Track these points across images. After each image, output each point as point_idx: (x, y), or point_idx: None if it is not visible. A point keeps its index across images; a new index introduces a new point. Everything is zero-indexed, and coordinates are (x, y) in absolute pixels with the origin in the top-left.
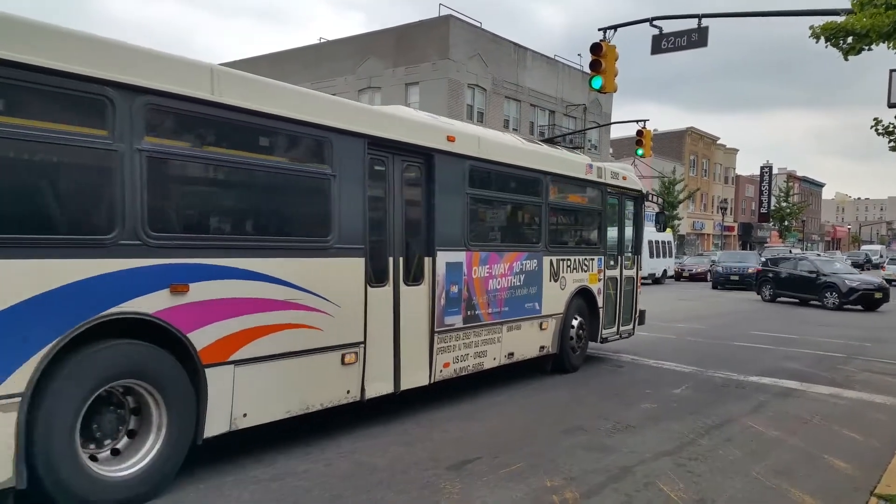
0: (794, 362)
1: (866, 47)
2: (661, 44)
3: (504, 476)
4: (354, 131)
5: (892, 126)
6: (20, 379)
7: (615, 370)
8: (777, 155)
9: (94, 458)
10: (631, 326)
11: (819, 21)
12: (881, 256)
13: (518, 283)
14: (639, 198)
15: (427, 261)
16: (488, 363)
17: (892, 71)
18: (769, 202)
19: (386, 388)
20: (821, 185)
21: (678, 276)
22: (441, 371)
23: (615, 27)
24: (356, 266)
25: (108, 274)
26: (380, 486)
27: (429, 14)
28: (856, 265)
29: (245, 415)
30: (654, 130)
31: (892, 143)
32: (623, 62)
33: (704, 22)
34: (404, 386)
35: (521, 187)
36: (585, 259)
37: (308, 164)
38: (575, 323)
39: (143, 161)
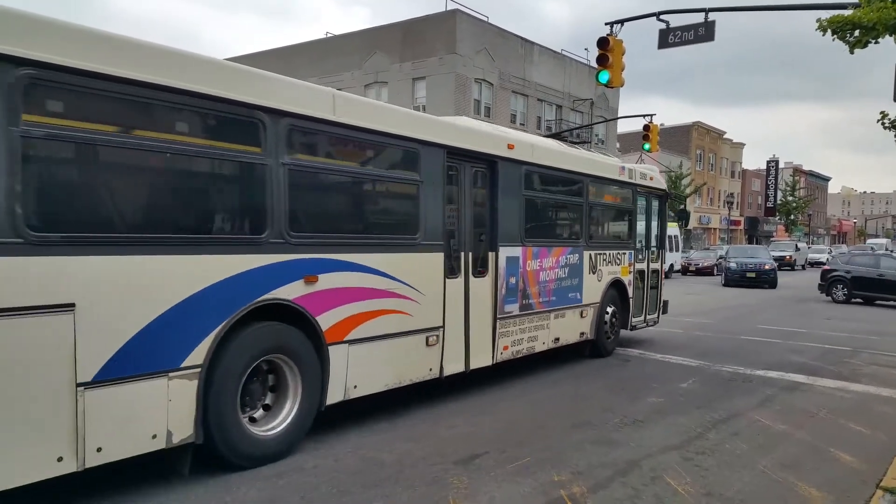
0: (799, 356)
1: (873, 40)
2: (668, 38)
3: (512, 470)
4: (437, 143)
5: None
6: (200, 353)
7: (623, 364)
8: (783, 149)
9: (251, 420)
10: (656, 315)
11: (826, 15)
12: (887, 249)
13: (563, 276)
14: (663, 196)
15: (491, 255)
16: (539, 347)
17: None
18: (775, 196)
19: (458, 367)
20: (827, 179)
21: (685, 271)
22: (501, 353)
23: (622, 21)
24: (437, 260)
25: (261, 267)
26: (387, 481)
27: (435, 9)
28: None
29: (356, 386)
30: (661, 125)
31: None
32: (630, 56)
33: (711, 16)
34: (473, 366)
35: (565, 189)
36: (618, 253)
37: (403, 172)
38: (609, 311)
39: (285, 173)
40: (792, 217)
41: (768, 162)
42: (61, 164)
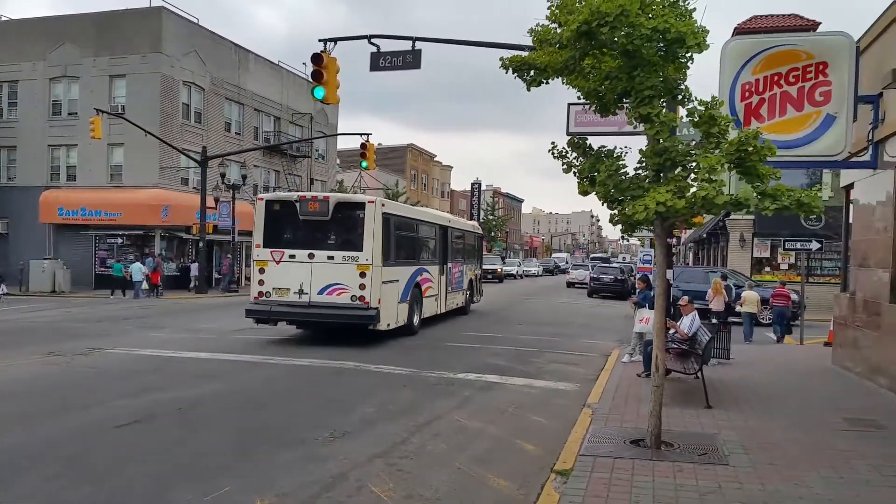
0: (496, 358)
1: (545, 80)
2: (379, 62)
3: (210, 502)
4: (442, 225)
5: (564, 150)
6: (407, 293)
7: (337, 376)
8: (485, 172)
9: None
10: (479, 298)
11: (508, 54)
12: (566, 263)
13: (460, 274)
14: (482, 236)
15: (445, 265)
16: (453, 306)
17: (569, 104)
18: (479, 215)
19: (442, 310)
20: (521, 201)
21: None
22: (448, 306)
23: (335, 40)
24: (437, 267)
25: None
26: None
27: (138, 3)
28: (547, 270)
29: (423, 314)
30: (379, 144)
31: (564, 166)
32: (350, 75)
33: (418, 45)
34: (444, 310)
35: (460, 237)
36: (471, 265)
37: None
38: (468, 294)
39: (441, 240)
40: (493, 234)
41: (472, 184)
42: (396, 235)
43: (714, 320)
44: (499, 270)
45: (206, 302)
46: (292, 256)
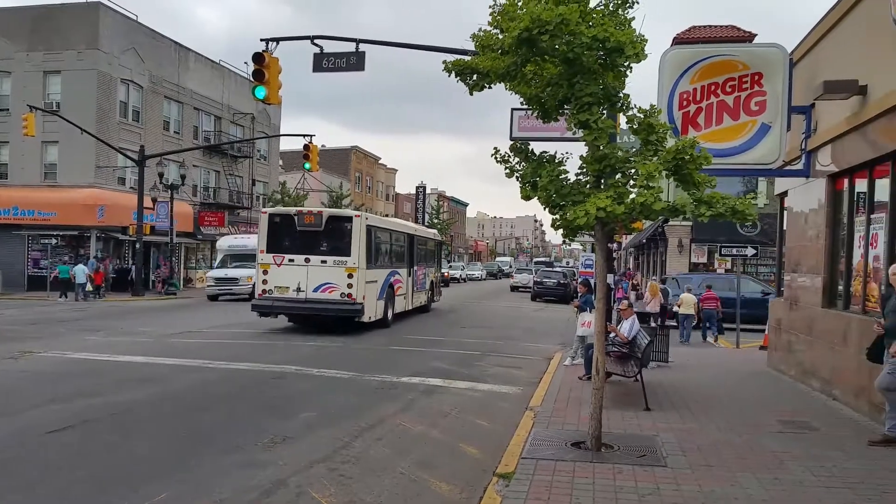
0: (440, 362)
1: (488, 85)
2: (322, 63)
3: None
4: (409, 234)
5: (507, 155)
6: (384, 290)
7: (278, 380)
8: (430, 176)
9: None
10: (439, 298)
11: (451, 58)
12: (510, 267)
13: (423, 276)
14: (442, 242)
15: (412, 268)
16: (418, 304)
17: (513, 110)
18: (423, 218)
19: (409, 307)
20: (466, 205)
21: None
22: (413, 303)
23: (277, 40)
24: (405, 270)
25: (393, 271)
26: None
27: None
28: (490, 274)
29: (395, 309)
30: (322, 146)
31: (507, 171)
32: (293, 76)
33: (362, 47)
34: (411, 307)
35: (424, 244)
36: (432, 269)
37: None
38: (430, 293)
39: (409, 247)
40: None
41: (417, 187)
42: (375, 243)
43: (653, 323)
44: (445, 274)
45: (144, 304)
46: (291, 260)
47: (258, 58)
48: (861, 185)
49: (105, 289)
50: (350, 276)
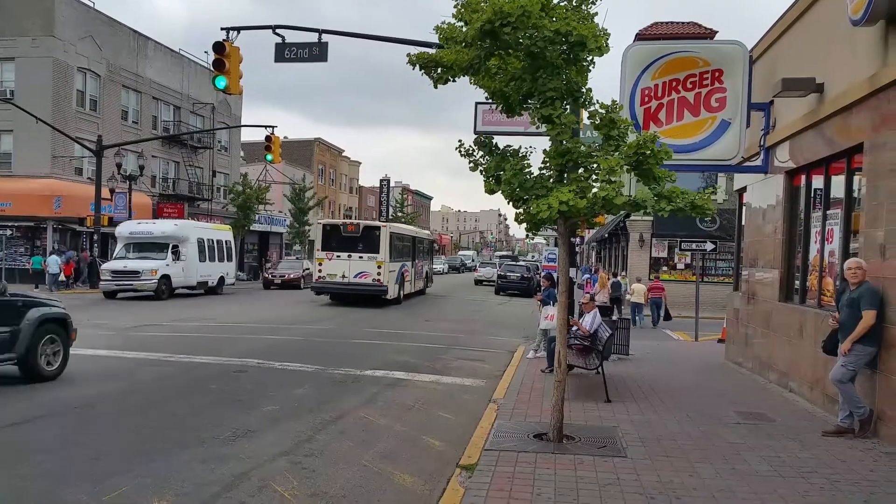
0: (404, 355)
1: (452, 78)
2: (284, 53)
3: (108, 502)
4: (413, 236)
5: (471, 149)
6: (400, 275)
7: (240, 374)
8: (394, 169)
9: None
10: (431, 285)
11: (416, 50)
12: (472, 261)
13: (422, 267)
14: (434, 241)
15: (415, 261)
16: (416, 289)
17: (477, 104)
18: (388, 212)
19: (411, 290)
20: (430, 198)
21: (267, 284)
22: (413, 290)
23: (238, 29)
24: (409, 263)
25: (406, 263)
26: None
27: None
28: (453, 268)
29: (405, 291)
30: (284, 138)
31: (471, 164)
32: (254, 66)
33: (325, 38)
34: (413, 291)
35: (421, 242)
36: (427, 262)
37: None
38: (425, 281)
39: (415, 246)
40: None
41: (381, 180)
42: (393, 244)
43: (614, 316)
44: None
45: (97, 297)
46: (338, 256)
47: (219, 47)
48: (818, 181)
49: (74, 280)
50: (379, 267)
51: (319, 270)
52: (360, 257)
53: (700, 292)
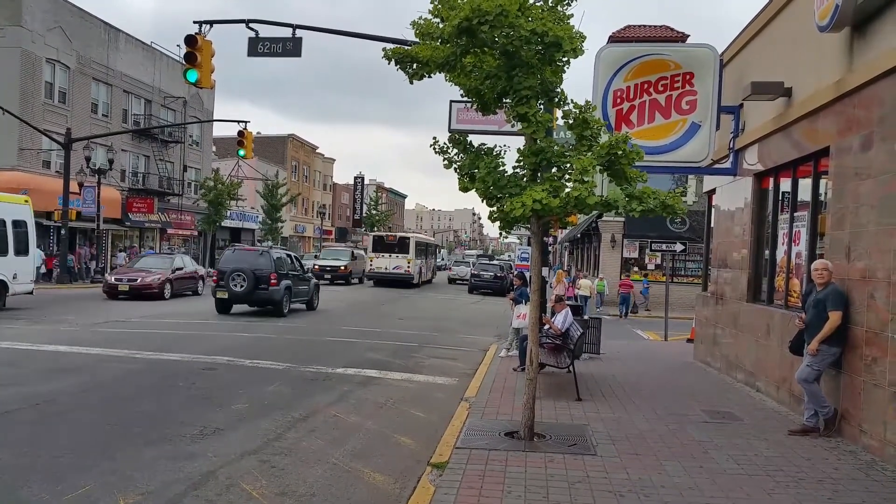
0: (376, 353)
1: (427, 74)
2: (257, 47)
3: (68, 502)
4: (426, 241)
5: (445, 146)
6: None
7: (208, 371)
8: (368, 166)
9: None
10: (436, 276)
11: (392, 46)
12: (444, 259)
13: (431, 263)
14: (438, 245)
15: (426, 259)
16: (426, 279)
17: (451, 102)
18: (362, 209)
19: (421, 280)
20: (404, 197)
21: (113, 293)
22: (423, 281)
23: (211, 22)
24: (421, 259)
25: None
26: None
27: None
28: None
29: (422, 278)
30: (257, 133)
31: (445, 162)
32: (227, 60)
33: (299, 33)
34: (420, 281)
35: (431, 245)
36: (433, 259)
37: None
38: (432, 273)
39: (427, 251)
40: (376, 228)
41: (355, 178)
42: (417, 247)
43: (585, 316)
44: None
45: (71, 292)
46: (382, 255)
47: (191, 40)
48: (785, 184)
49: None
50: (408, 263)
51: (370, 266)
52: (396, 256)
53: (670, 292)
